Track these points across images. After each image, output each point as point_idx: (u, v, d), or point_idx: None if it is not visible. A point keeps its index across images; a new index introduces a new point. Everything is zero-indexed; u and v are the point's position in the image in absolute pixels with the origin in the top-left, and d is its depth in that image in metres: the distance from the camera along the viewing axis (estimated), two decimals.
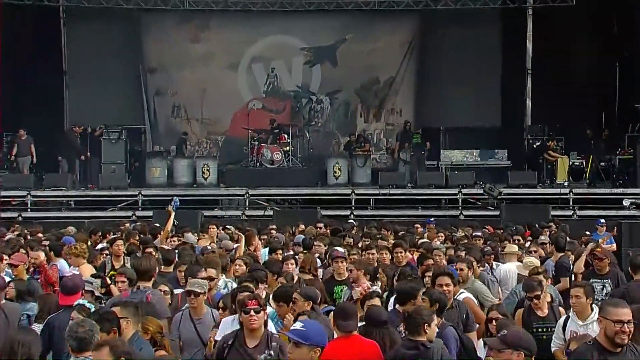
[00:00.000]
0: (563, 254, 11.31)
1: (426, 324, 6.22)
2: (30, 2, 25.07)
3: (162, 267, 10.08)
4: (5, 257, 10.00)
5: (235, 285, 8.68)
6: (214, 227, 14.58)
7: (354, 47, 27.24)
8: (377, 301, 7.75)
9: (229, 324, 7.20)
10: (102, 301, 8.05)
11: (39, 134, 24.29)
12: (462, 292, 8.39)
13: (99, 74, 26.24)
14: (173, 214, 14.20)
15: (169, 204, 15.36)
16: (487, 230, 15.91)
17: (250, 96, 27.20)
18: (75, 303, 7.11)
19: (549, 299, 8.30)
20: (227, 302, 7.66)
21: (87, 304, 7.05)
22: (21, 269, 9.41)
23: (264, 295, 7.89)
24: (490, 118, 25.87)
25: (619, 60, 25.45)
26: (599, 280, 9.47)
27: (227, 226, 16.10)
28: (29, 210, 22.14)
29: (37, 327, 7.29)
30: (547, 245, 12.44)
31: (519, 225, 16.18)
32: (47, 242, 12.15)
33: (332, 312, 7.17)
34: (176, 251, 11.27)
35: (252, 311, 6.44)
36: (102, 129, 24.82)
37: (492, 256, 11.58)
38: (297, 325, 5.75)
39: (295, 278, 9.38)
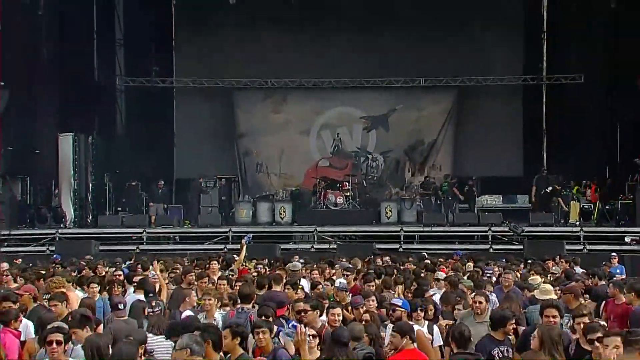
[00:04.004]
0: (603, 283, 11.37)
1: None
2: (150, 85, 29.78)
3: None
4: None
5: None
6: (215, 262, 14.11)
7: (403, 116, 29.89)
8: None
9: None
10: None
11: (151, 182, 27.38)
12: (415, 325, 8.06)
13: (200, 136, 29.87)
14: (245, 246, 14.89)
15: (242, 237, 16.45)
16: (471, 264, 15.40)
17: (319, 156, 29.74)
18: None
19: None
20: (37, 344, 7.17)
21: None
22: (26, 298, 9.63)
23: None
24: (514, 169, 27.82)
25: (619, 122, 26.81)
26: (568, 314, 8.37)
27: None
28: (144, 243, 23.74)
29: None
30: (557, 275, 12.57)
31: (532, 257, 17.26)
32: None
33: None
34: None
35: None
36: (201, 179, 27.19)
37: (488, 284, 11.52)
38: None
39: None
